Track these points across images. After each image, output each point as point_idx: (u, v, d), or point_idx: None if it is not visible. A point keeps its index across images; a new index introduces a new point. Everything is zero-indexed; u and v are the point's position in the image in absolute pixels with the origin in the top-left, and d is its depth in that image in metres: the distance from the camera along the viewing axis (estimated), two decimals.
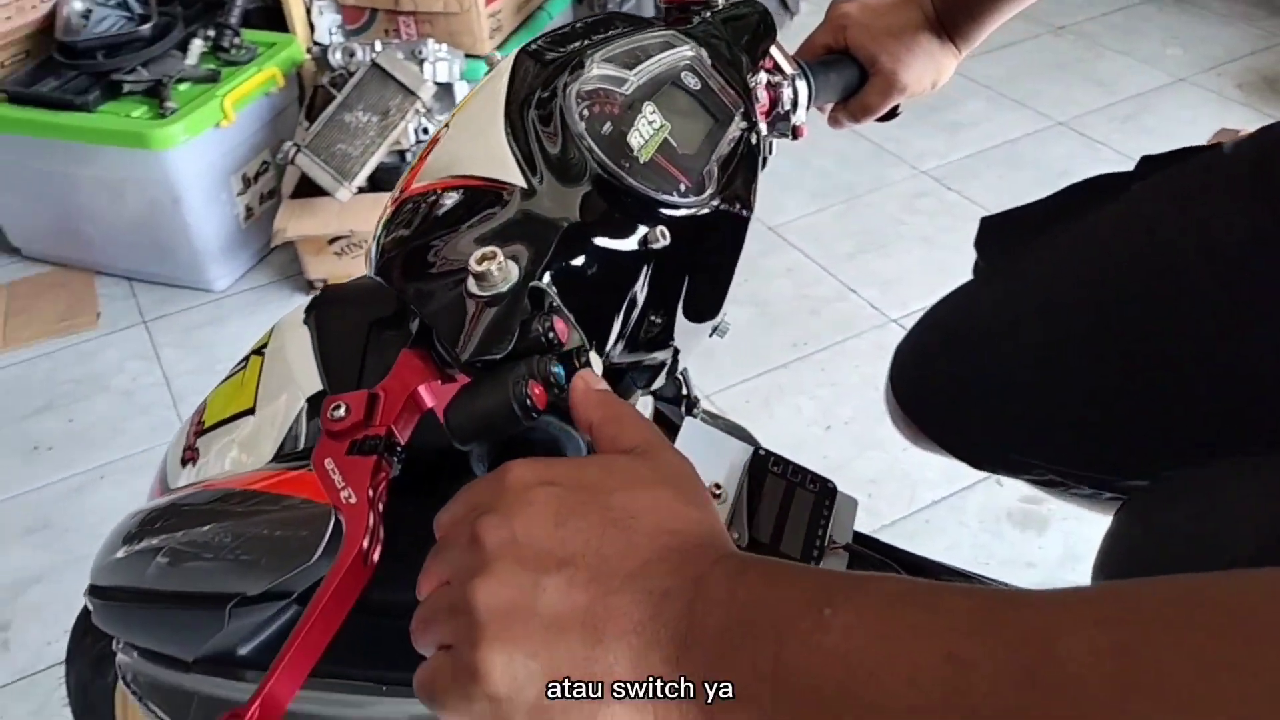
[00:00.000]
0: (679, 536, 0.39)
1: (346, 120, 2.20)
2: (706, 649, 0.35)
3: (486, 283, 0.48)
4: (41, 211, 2.58)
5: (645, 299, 0.57)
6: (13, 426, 2.23)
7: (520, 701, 0.36)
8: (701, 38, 0.70)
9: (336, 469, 0.48)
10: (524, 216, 0.53)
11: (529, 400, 0.44)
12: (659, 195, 0.56)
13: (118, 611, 0.74)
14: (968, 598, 0.33)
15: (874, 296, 2.44)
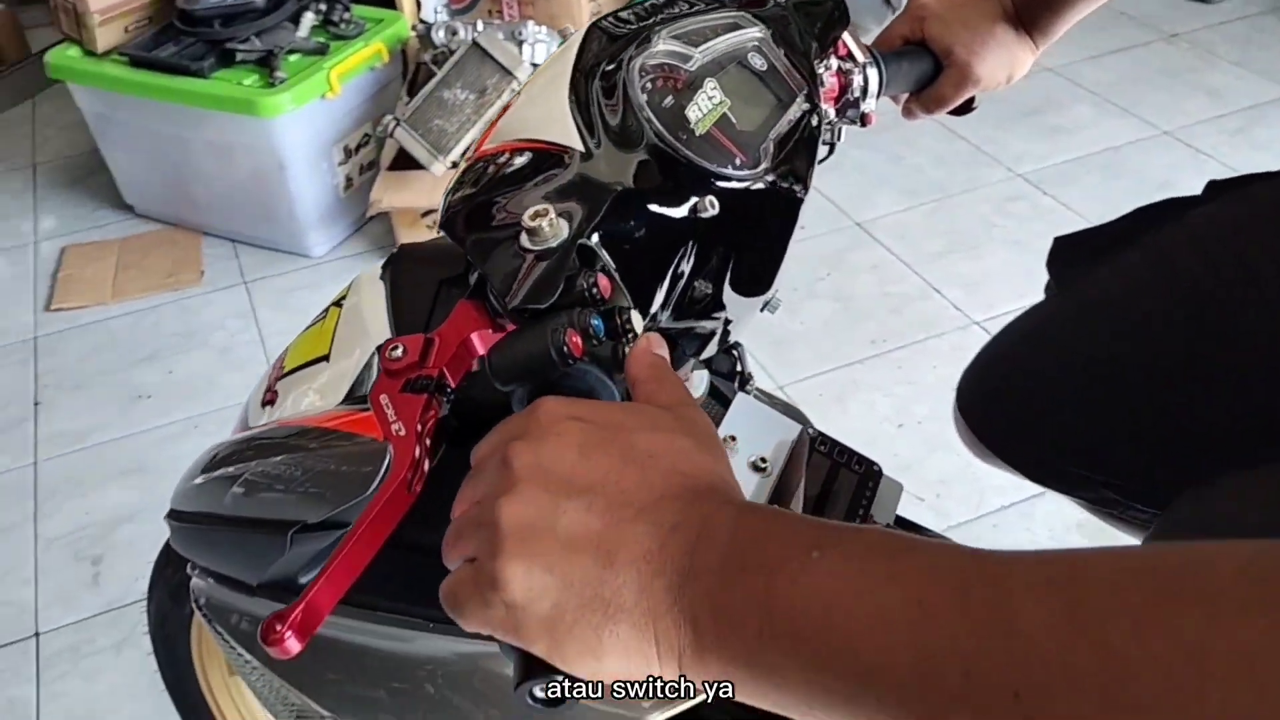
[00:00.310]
0: (691, 478, 0.42)
1: (445, 97, 2.26)
2: (705, 582, 0.38)
3: (538, 238, 0.51)
4: (155, 172, 2.70)
5: (692, 267, 0.59)
6: (118, 374, 2.35)
7: (534, 611, 0.39)
8: (771, 20, 0.72)
9: (390, 404, 0.52)
10: (580, 179, 0.56)
11: (566, 347, 0.47)
12: (711, 166, 0.59)
13: (193, 534, 0.79)
14: (941, 552, 0.36)
15: (958, 297, 2.42)
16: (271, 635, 0.43)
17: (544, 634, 0.40)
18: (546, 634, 0.40)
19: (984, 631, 0.32)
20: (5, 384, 2.34)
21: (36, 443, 2.17)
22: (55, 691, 1.69)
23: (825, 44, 0.77)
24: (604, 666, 0.39)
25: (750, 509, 0.41)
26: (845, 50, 0.85)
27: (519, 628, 0.40)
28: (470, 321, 0.55)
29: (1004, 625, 0.32)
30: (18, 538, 1.96)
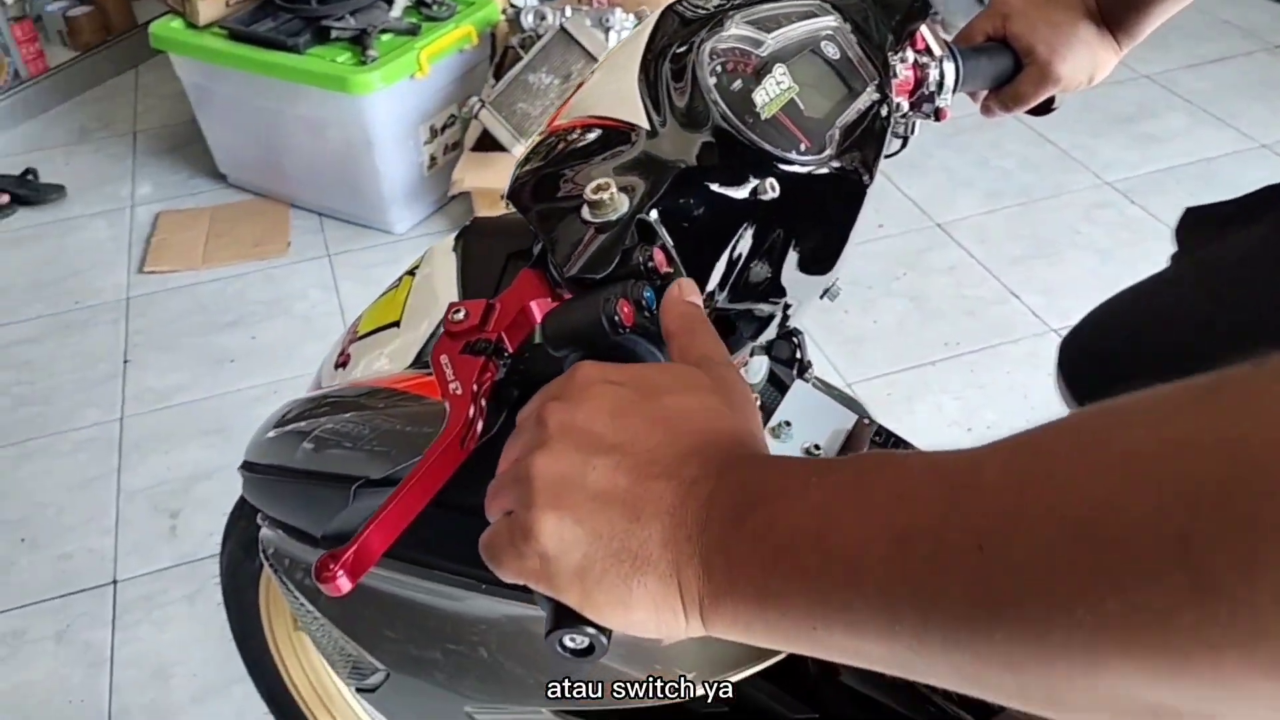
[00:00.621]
0: (717, 434, 0.43)
1: (530, 81, 2.29)
2: (718, 528, 0.40)
3: (599, 210, 0.53)
4: (248, 143, 2.79)
5: (751, 248, 0.60)
6: (205, 338, 2.43)
7: (566, 561, 0.41)
8: (848, 10, 0.72)
9: (449, 364, 0.54)
10: (644, 156, 0.58)
11: (617, 316, 0.49)
12: (774, 150, 0.60)
13: (263, 485, 0.82)
14: (933, 455, 0.37)
15: (1036, 304, 2.38)
16: (325, 573, 0.46)
17: (574, 584, 0.41)
18: (577, 584, 0.41)
19: (951, 499, 0.34)
20: (98, 341, 2.43)
21: (124, 399, 2.26)
22: (129, 637, 1.77)
23: (901, 36, 0.77)
24: (633, 617, 0.41)
25: (763, 457, 0.43)
26: (923, 44, 0.85)
27: (551, 577, 0.42)
28: (531, 289, 0.57)
29: (969, 489, 0.34)
30: (101, 489, 2.05)
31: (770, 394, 0.88)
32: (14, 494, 2.04)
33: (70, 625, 1.79)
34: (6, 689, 1.70)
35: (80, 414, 2.23)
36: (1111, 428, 0.31)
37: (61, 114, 3.38)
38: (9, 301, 2.58)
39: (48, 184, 2.94)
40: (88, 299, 2.57)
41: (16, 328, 2.50)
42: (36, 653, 1.75)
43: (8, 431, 2.19)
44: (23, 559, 1.91)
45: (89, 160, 3.13)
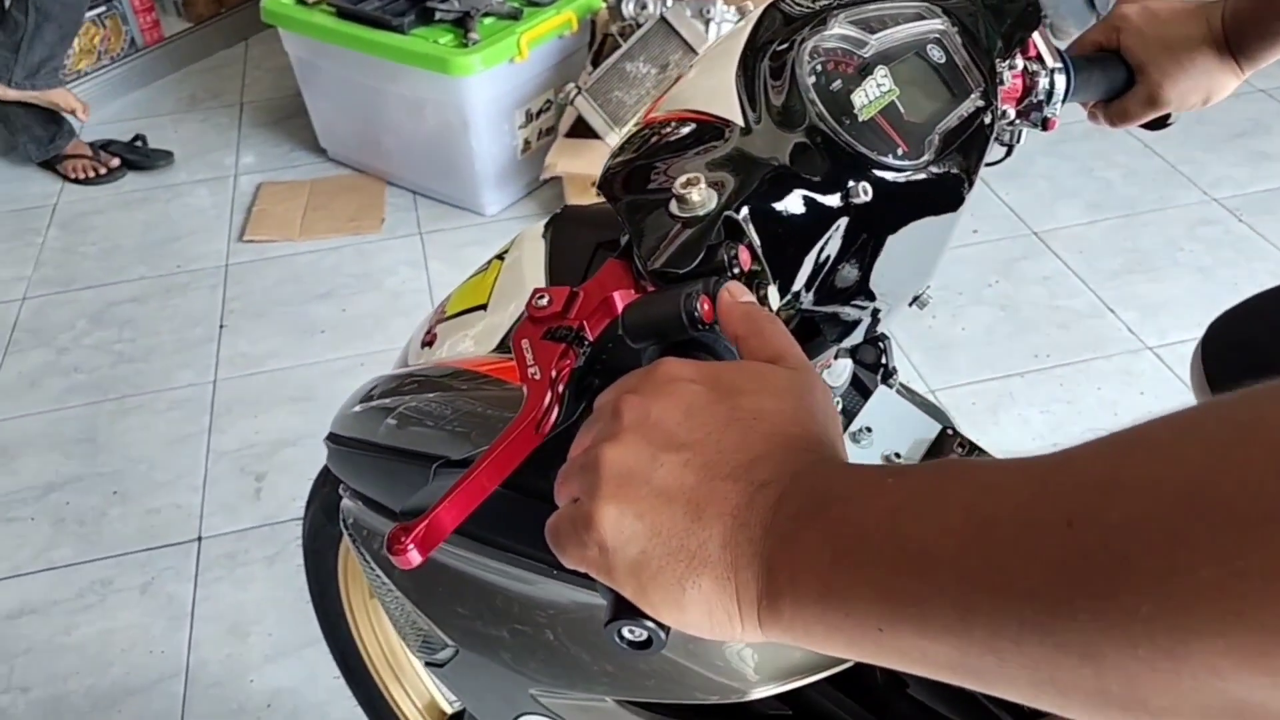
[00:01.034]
0: (792, 438, 0.43)
1: (627, 69, 2.29)
2: (783, 528, 0.39)
3: (686, 205, 0.53)
4: (349, 120, 2.84)
5: (839, 250, 0.60)
6: (298, 307, 2.49)
7: (624, 554, 0.41)
8: (957, 14, 0.71)
9: (530, 348, 0.55)
10: (737, 153, 0.57)
11: (697, 312, 0.49)
12: (870, 153, 0.59)
13: (347, 458, 0.84)
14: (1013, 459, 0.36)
15: (1132, 320, 2.31)
16: (396, 544, 0.46)
17: (631, 578, 0.41)
18: (633, 578, 0.41)
19: (1041, 480, 0.33)
20: (197, 306, 2.51)
21: (218, 362, 2.33)
22: (209, 594, 1.82)
23: (1012, 43, 0.75)
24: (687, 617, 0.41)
25: (835, 462, 0.42)
26: (1034, 51, 0.83)
27: (609, 569, 0.42)
28: (615, 280, 0.57)
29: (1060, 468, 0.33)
30: (192, 447, 2.11)
31: (852, 398, 0.87)
32: (110, 448, 2.12)
33: (155, 578, 1.86)
34: (92, 634, 1.77)
35: (176, 374, 2.31)
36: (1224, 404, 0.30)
37: (173, 83, 3.49)
38: (116, 261, 2.68)
39: (157, 150, 3.04)
40: (189, 264, 2.65)
41: (122, 287, 2.59)
42: (122, 602, 1.82)
43: (107, 387, 2.28)
44: (114, 510, 1.99)
45: (196, 129, 3.23)
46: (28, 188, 2.98)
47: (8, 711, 1.66)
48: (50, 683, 1.70)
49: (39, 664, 1.73)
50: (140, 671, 1.71)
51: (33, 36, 2.76)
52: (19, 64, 2.78)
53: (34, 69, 2.82)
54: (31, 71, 2.82)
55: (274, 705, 1.65)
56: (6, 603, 1.83)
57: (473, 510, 0.50)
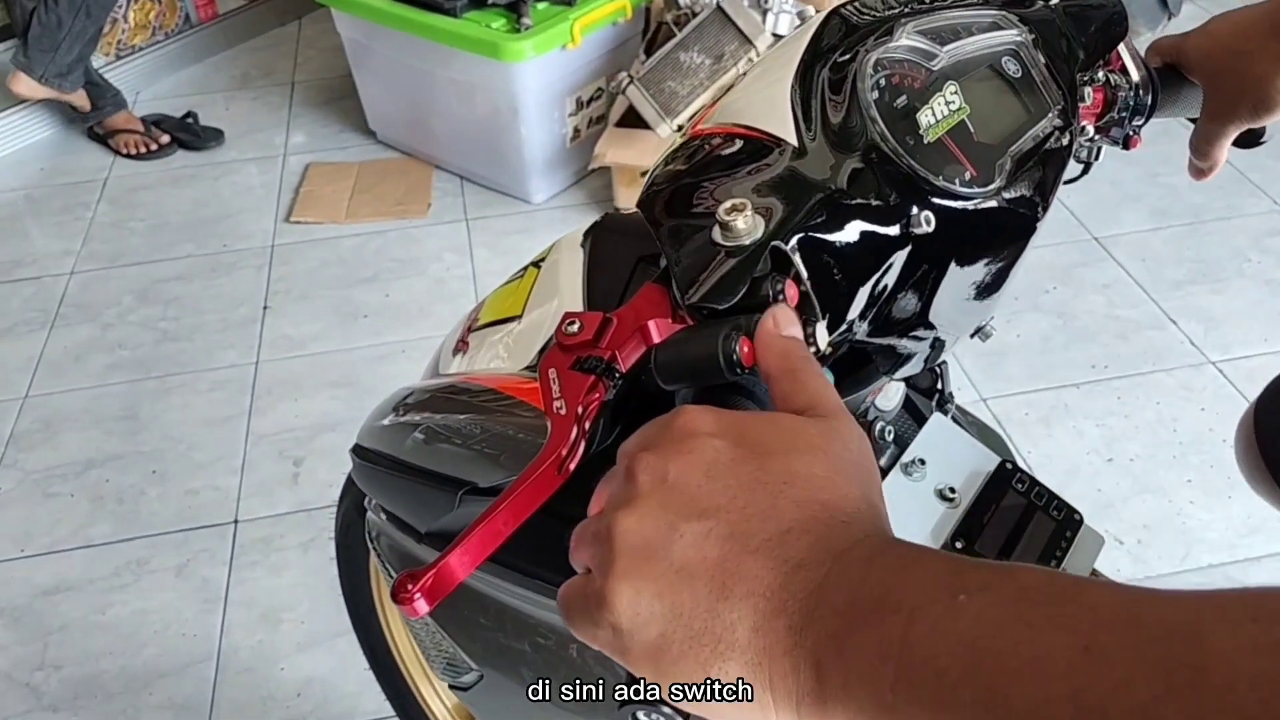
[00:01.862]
0: (827, 509, 0.38)
1: (681, 59, 2.24)
2: (831, 623, 0.35)
3: (731, 233, 0.48)
4: (399, 102, 2.82)
5: (898, 281, 0.55)
6: (342, 291, 2.48)
7: (640, 638, 0.37)
8: (1037, 23, 0.66)
9: (557, 379, 0.51)
10: (788, 175, 0.53)
11: (735, 354, 0.44)
12: (935, 179, 0.54)
13: (372, 473, 0.81)
14: (1112, 592, 0.31)
15: (1195, 332, 2.23)
16: (402, 593, 0.43)
17: (648, 663, 0.37)
18: (651, 663, 0.37)
19: (1165, 679, 0.28)
20: (243, 285, 2.51)
21: (260, 344, 2.32)
22: (244, 578, 1.82)
23: (1095, 55, 0.70)
24: (709, 706, 0.37)
25: (888, 545, 0.37)
26: (1119, 63, 0.77)
27: (624, 652, 0.38)
28: (652, 307, 0.53)
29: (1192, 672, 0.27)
30: (232, 429, 2.11)
31: (905, 423, 0.83)
32: (151, 426, 2.13)
33: (190, 560, 1.85)
34: (126, 614, 1.77)
35: (219, 355, 2.30)
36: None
37: (225, 60, 3.50)
38: (164, 239, 2.69)
39: (207, 128, 3.05)
40: (236, 243, 2.65)
41: (168, 265, 2.60)
42: (157, 583, 1.82)
43: (151, 365, 2.28)
44: (152, 490, 1.99)
45: (247, 107, 3.23)
46: (80, 161, 3.00)
47: (40, 688, 1.66)
48: (83, 661, 1.70)
49: (73, 642, 1.73)
50: (172, 654, 1.71)
51: (76, 37, 2.78)
52: (53, 61, 2.81)
53: (66, 69, 2.85)
54: (63, 71, 2.85)
55: (304, 694, 1.64)
56: (44, 579, 1.83)
57: (488, 555, 0.46)
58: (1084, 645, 0.30)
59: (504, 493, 0.47)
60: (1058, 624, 0.31)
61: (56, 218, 2.81)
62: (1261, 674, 0.26)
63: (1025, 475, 0.78)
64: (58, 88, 2.87)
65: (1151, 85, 0.77)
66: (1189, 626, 0.28)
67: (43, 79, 2.83)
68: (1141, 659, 0.28)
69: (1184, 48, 0.81)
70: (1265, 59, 0.79)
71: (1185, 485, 1.89)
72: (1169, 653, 0.28)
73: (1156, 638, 0.29)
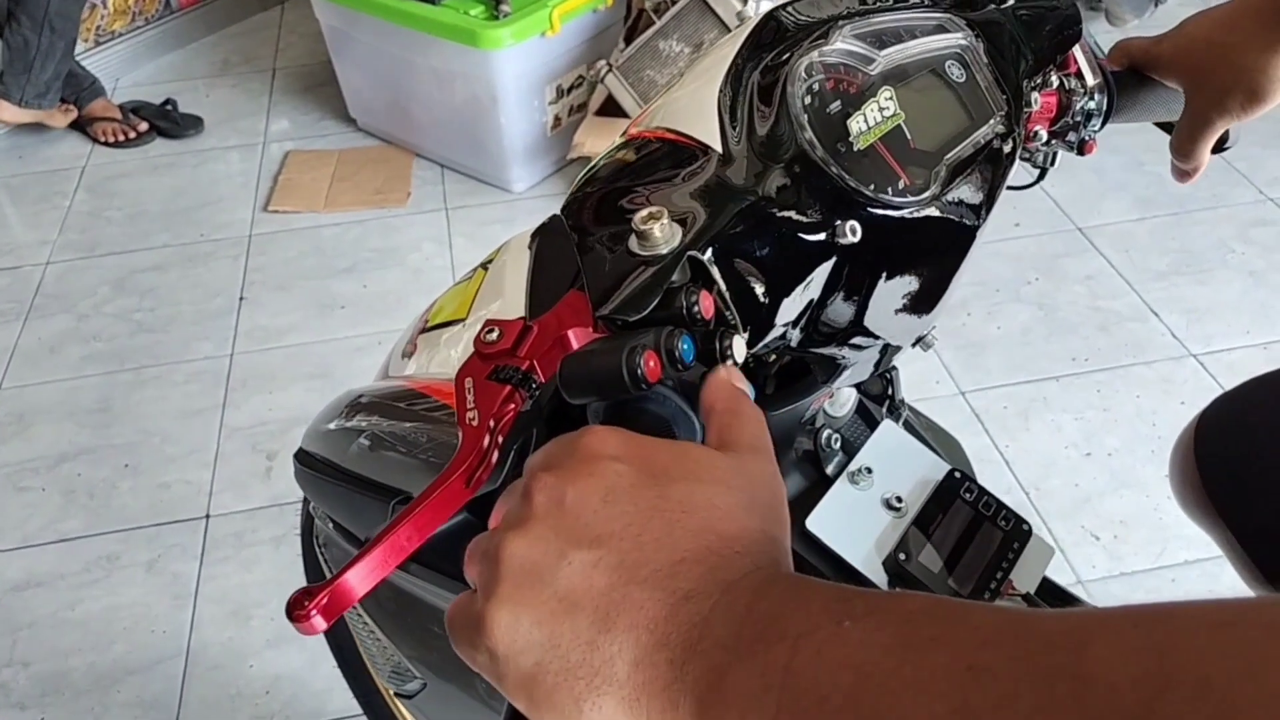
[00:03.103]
0: (724, 540, 0.37)
1: (660, 48, 2.22)
2: (714, 656, 0.34)
3: (647, 242, 0.47)
4: (379, 90, 2.79)
5: (824, 292, 0.54)
6: (319, 281, 2.46)
7: (514, 665, 0.36)
8: (984, 26, 0.64)
9: (473, 389, 0.49)
10: (712, 183, 0.51)
11: (640, 370, 0.42)
12: (865, 189, 0.53)
13: (312, 479, 0.80)
14: (998, 613, 0.30)
15: (1177, 324, 2.21)
16: (297, 611, 0.41)
17: (521, 692, 0.36)
18: (524, 693, 0.36)
19: (1048, 690, 0.27)
20: (219, 276, 2.49)
21: (236, 335, 2.30)
22: (214, 573, 1.80)
23: (1045, 59, 0.68)
24: None
25: (779, 577, 0.36)
26: (1074, 66, 0.75)
27: (500, 679, 0.37)
28: (574, 315, 0.51)
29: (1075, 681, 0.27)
30: (206, 422, 2.09)
31: (858, 429, 0.81)
32: (125, 419, 2.11)
33: (161, 555, 1.84)
34: (96, 611, 1.75)
35: (194, 346, 2.28)
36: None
37: (206, 46, 3.46)
38: (140, 228, 2.66)
39: (187, 115, 3.02)
40: (213, 232, 2.63)
41: (145, 255, 2.57)
42: (127, 579, 1.80)
43: (125, 356, 2.26)
44: (124, 484, 1.97)
45: (228, 94, 3.20)
46: (58, 149, 2.97)
47: (8, 686, 1.65)
48: (52, 658, 1.69)
49: (42, 638, 1.72)
50: (141, 651, 1.69)
51: (46, 54, 2.75)
52: (30, 83, 2.78)
53: (44, 88, 2.83)
54: (41, 92, 2.83)
55: (272, 692, 1.63)
56: (14, 574, 1.82)
57: (390, 571, 0.45)
58: (968, 664, 0.29)
59: (408, 506, 0.45)
60: (941, 644, 0.30)
61: (33, 206, 2.78)
62: (1143, 675, 0.26)
63: (974, 484, 0.77)
64: (39, 108, 2.85)
65: (1108, 89, 0.75)
66: (1071, 637, 0.28)
67: (23, 102, 2.82)
68: (1025, 672, 0.28)
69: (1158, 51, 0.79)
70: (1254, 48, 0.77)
71: (1163, 480, 1.87)
72: (1051, 664, 0.28)
73: (1038, 650, 0.28)
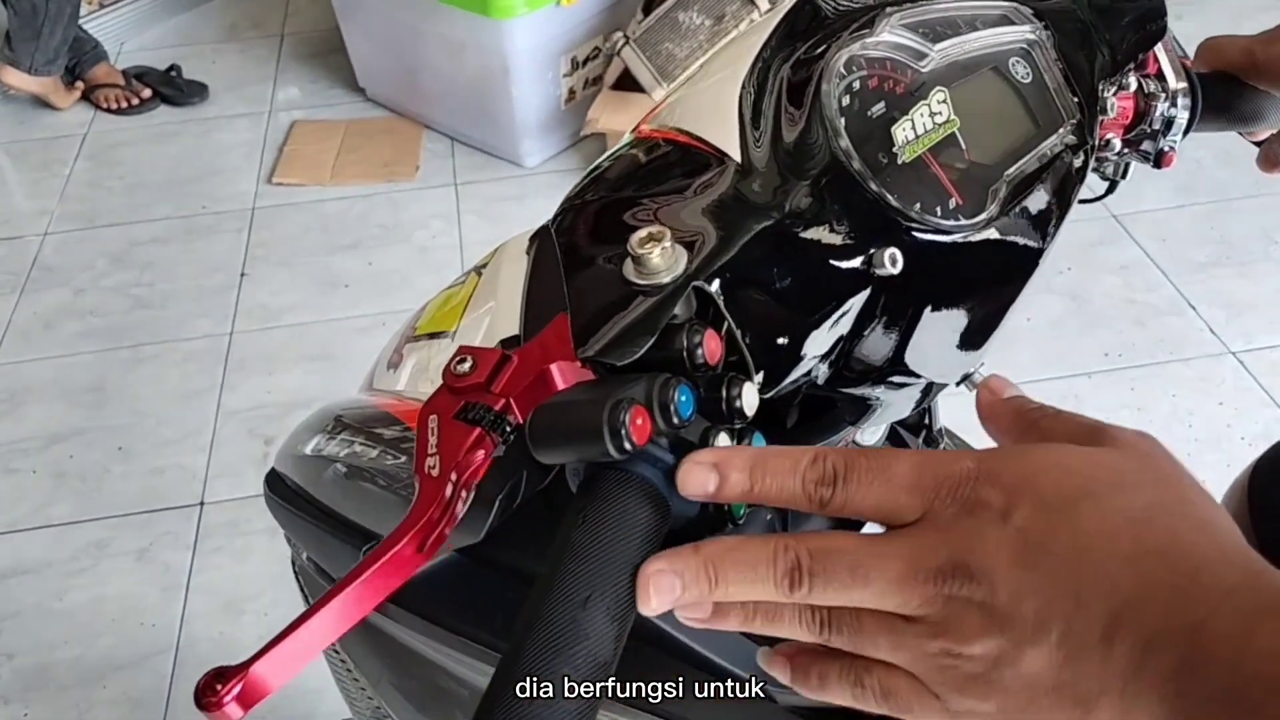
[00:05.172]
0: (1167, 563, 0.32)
1: (680, 19, 2.11)
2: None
3: (645, 269, 0.39)
4: (388, 59, 2.70)
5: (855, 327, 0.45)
6: (322, 258, 2.38)
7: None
8: (1055, 18, 0.55)
9: (437, 429, 0.40)
10: (726, 199, 0.43)
11: (624, 430, 0.35)
12: (907, 208, 0.44)
13: (281, 509, 0.72)
14: None
15: (1215, 319, 2.11)
16: (209, 697, 0.34)
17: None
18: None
19: None
20: (220, 250, 2.41)
21: (236, 314, 2.23)
22: (207, 564, 1.74)
23: (1125, 57, 0.59)
24: None
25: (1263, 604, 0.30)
26: (1155, 67, 0.66)
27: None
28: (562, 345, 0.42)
29: None
30: (203, 404, 2.02)
31: None
32: (119, 399, 2.04)
33: (153, 544, 1.78)
34: (84, 601, 1.69)
35: (193, 324, 2.21)
36: None
37: (213, 10, 3.37)
38: (142, 199, 2.59)
39: (192, 81, 2.93)
40: (215, 205, 2.55)
41: (145, 227, 2.50)
42: (116, 568, 1.74)
43: (121, 333, 2.19)
44: (117, 468, 1.91)
45: (235, 60, 3.11)
46: (60, 115, 2.89)
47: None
48: (37, 651, 1.63)
49: (27, 629, 1.66)
50: (129, 645, 1.63)
51: (54, 19, 2.67)
52: (39, 50, 2.71)
53: (53, 54, 2.75)
54: (50, 58, 2.75)
55: None
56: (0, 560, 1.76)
57: (320, 650, 0.36)
58: None
59: (345, 578, 0.37)
60: None
61: (33, 174, 2.71)
62: None
63: None
64: (48, 74, 2.78)
65: (1193, 93, 0.65)
66: None
67: (32, 69, 2.75)
68: None
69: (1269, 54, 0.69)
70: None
71: None
72: None
73: None
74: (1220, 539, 0.33)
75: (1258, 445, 1.82)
